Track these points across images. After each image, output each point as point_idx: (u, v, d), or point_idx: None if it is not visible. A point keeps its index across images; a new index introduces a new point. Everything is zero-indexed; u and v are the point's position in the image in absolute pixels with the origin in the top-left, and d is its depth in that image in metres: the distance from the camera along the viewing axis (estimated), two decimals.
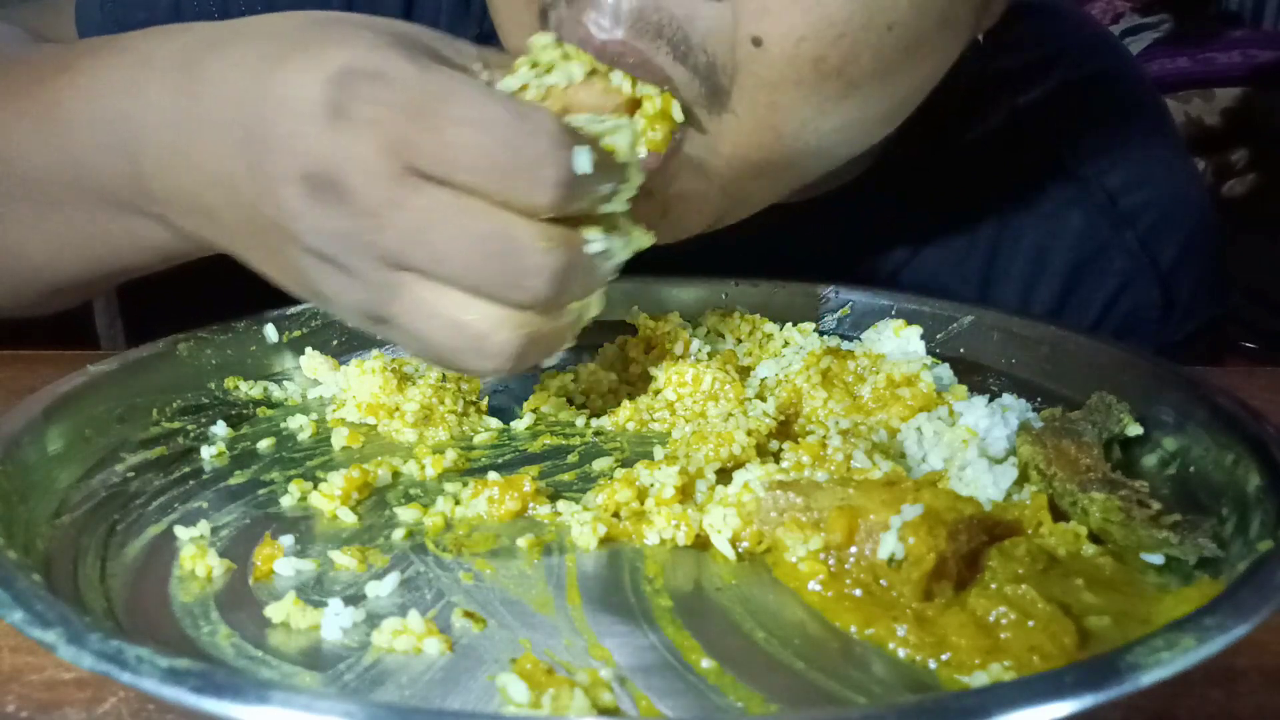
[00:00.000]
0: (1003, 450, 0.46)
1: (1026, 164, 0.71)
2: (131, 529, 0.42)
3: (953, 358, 0.57)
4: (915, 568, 0.36)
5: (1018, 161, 0.71)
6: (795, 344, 0.58)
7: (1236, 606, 0.31)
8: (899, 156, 0.65)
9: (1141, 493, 0.42)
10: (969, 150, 0.70)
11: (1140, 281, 0.71)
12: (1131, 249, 0.71)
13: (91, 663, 0.29)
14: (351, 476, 0.45)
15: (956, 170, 0.71)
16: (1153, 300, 0.71)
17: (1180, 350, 0.72)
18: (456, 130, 0.39)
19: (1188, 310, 0.72)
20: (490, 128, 0.39)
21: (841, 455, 0.44)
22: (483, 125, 0.39)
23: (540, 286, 0.40)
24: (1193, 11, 1.91)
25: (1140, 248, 0.71)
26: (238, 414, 0.53)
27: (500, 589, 0.39)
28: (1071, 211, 0.71)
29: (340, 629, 0.36)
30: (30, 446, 0.43)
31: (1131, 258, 0.71)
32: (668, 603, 0.38)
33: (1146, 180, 0.72)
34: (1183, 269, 0.72)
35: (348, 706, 0.27)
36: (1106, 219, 0.71)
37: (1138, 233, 0.71)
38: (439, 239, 0.39)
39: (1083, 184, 0.71)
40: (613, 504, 0.43)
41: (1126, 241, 0.71)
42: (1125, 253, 0.71)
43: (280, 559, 0.40)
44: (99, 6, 0.71)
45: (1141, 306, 0.72)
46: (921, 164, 0.68)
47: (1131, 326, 0.72)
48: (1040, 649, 0.33)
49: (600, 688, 0.32)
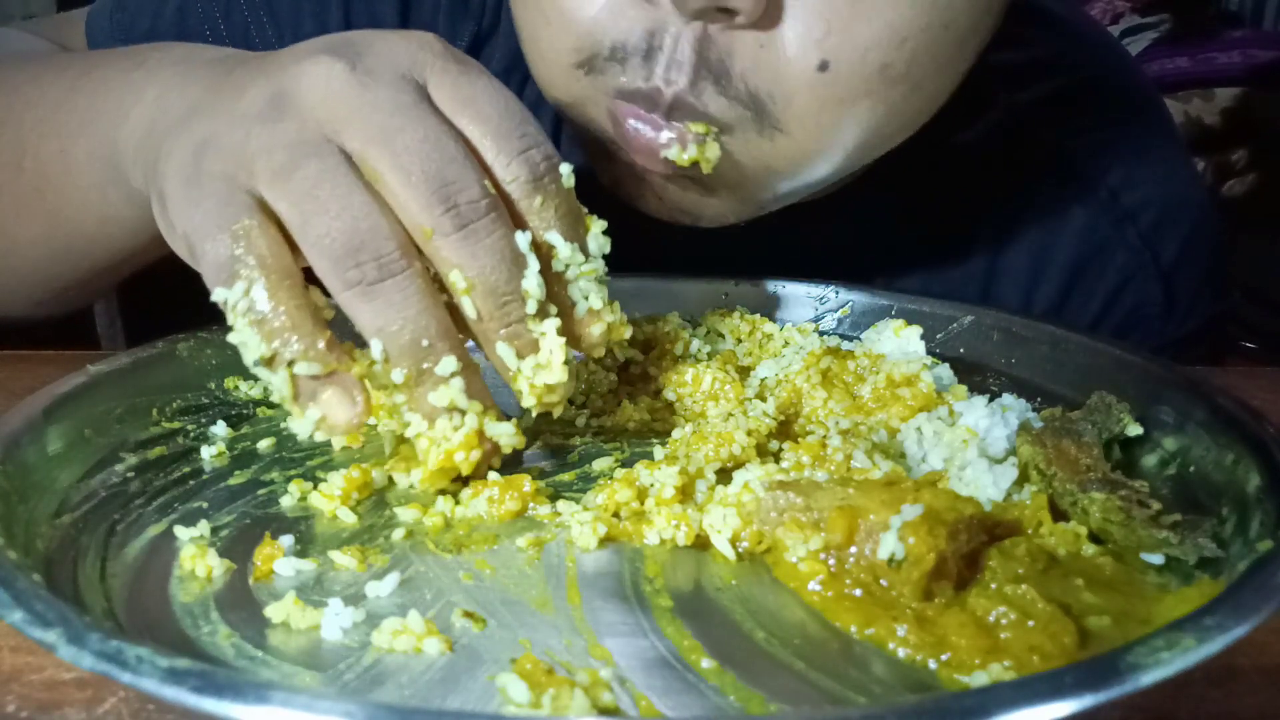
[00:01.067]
0: (1003, 450, 0.46)
1: (1028, 161, 0.72)
2: (131, 529, 0.42)
3: (953, 358, 0.57)
4: (915, 568, 0.36)
5: (1019, 159, 0.72)
6: (795, 344, 0.58)
7: (1236, 606, 0.31)
8: (902, 154, 0.65)
9: (1141, 493, 0.42)
10: (971, 147, 0.71)
11: (1141, 278, 0.71)
12: (1133, 246, 0.71)
13: (91, 663, 0.29)
14: (351, 476, 0.45)
15: (958, 167, 0.71)
16: (1154, 297, 0.72)
17: (1181, 347, 0.72)
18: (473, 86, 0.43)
19: (1189, 307, 0.73)
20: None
21: (841, 455, 0.44)
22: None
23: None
24: (1193, 11, 1.92)
25: (1142, 244, 0.71)
26: (238, 414, 0.53)
27: (500, 589, 0.39)
28: (1073, 209, 0.72)
29: (340, 629, 0.36)
30: (30, 446, 0.43)
31: (1133, 254, 0.71)
32: (668, 603, 0.38)
33: (1147, 178, 0.72)
34: (1184, 266, 0.72)
35: (348, 706, 0.27)
36: (1108, 216, 0.71)
37: (1139, 229, 0.71)
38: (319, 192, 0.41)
39: (1084, 182, 0.72)
40: (613, 504, 0.43)
41: (1128, 238, 0.71)
42: (1126, 249, 0.71)
43: (280, 559, 0.40)
44: (108, 16, 0.72)
45: (1143, 303, 0.72)
46: (924, 161, 0.68)
47: (1133, 323, 0.72)
48: (1040, 649, 0.33)
49: (600, 688, 0.32)
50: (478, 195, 0.41)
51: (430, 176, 0.41)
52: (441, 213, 0.41)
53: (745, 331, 0.59)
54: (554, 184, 0.44)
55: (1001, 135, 0.72)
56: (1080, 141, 0.72)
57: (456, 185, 0.41)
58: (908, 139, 0.57)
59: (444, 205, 0.41)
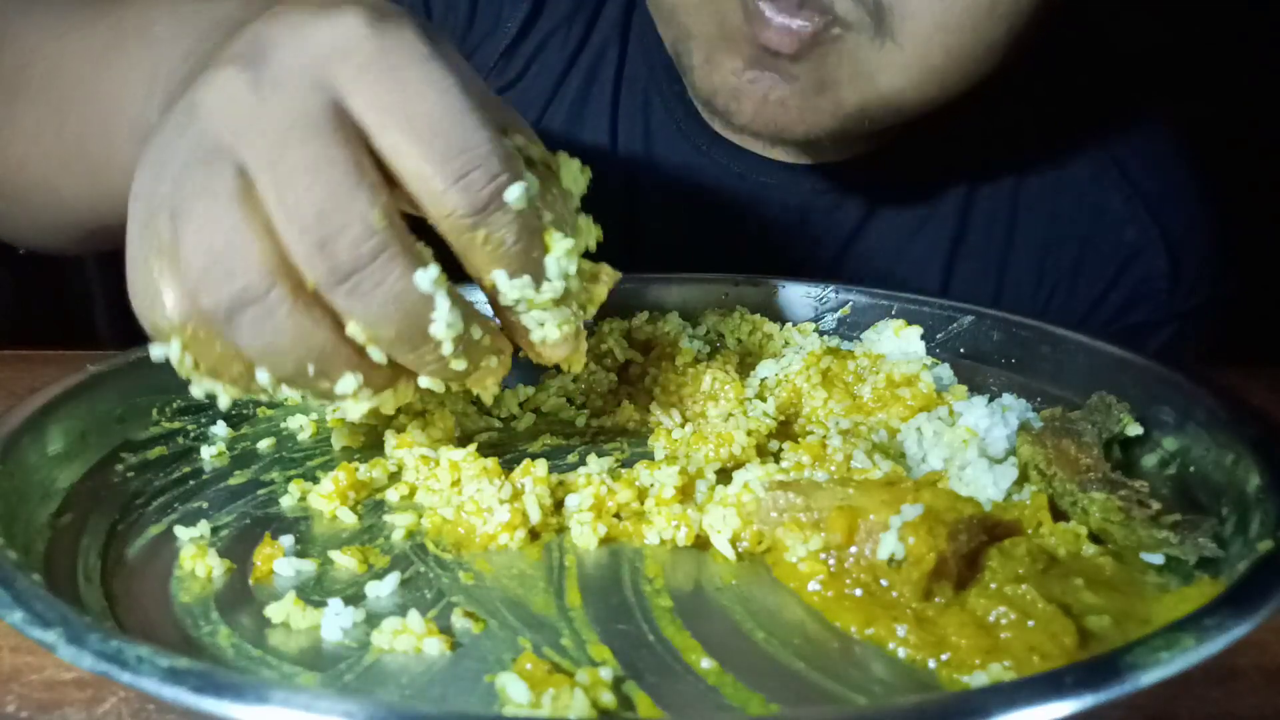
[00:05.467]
0: (1003, 450, 0.46)
1: (1044, 135, 0.74)
2: (131, 529, 0.42)
3: (953, 358, 0.57)
4: (915, 568, 0.36)
5: (1035, 132, 0.74)
6: (795, 344, 0.58)
7: (1236, 606, 0.31)
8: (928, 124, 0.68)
9: (1141, 493, 0.42)
10: (991, 121, 0.73)
11: (1150, 252, 0.73)
12: (1142, 221, 0.73)
13: (91, 663, 0.29)
14: (338, 478, 0.45)
15: (979, 139, 0.73)
16: (1161, 270, 0.73)
17: (1189, 321, 0.74)
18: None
19: (1196, 281, 0.74)
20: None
21: (841, 455, 0.44)
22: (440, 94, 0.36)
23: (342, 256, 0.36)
24: None
25: (1151, 219, 0.73)
26: (238, 414, 0.53)
27: (500, 589, 0.39)
28: (1085, 182, 0.74)
29: (340, 629, 0.36)
30: (30, 446, 0.43)
31: (1141, 229, 0.73)
32: (668, 603, 0.38)
33: (1158, 153, 0.75)
34: (1192, 240, 0.74)
35: (348, 706, 0.27)
36: (1119, 191, 0.73)
37: (1148, 204, 0.73)
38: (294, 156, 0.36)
39: (1095, 157, 0.74)
40: (613, 504, 0.43)
41: (1137, 213, 0.73)
42: (1135, 224, 0.73)
43: (280, 559, 0.40)
44: None
45: (1151, 276, 0.74)
46: (953, 131, 0.71)
47: (1141, 295, 0.74)
48: (1040, 649, 0.33)
49: (600, 688, 0.32)
50: (360, 237, 0.35)
51: (307, 213, 0.35)
52: (320, 261, 0.35)
53: (745, 331, 0.59)
54: (499, 212, 0.37)
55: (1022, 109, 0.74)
56: (1094, 118, 0.75)
57: (337, 223, 0.35)
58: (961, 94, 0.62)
59: (320, 251, 0.35)
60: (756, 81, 0.60)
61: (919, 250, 0.75)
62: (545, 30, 0.75)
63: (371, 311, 0.36)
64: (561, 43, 0.75)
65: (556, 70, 0.75)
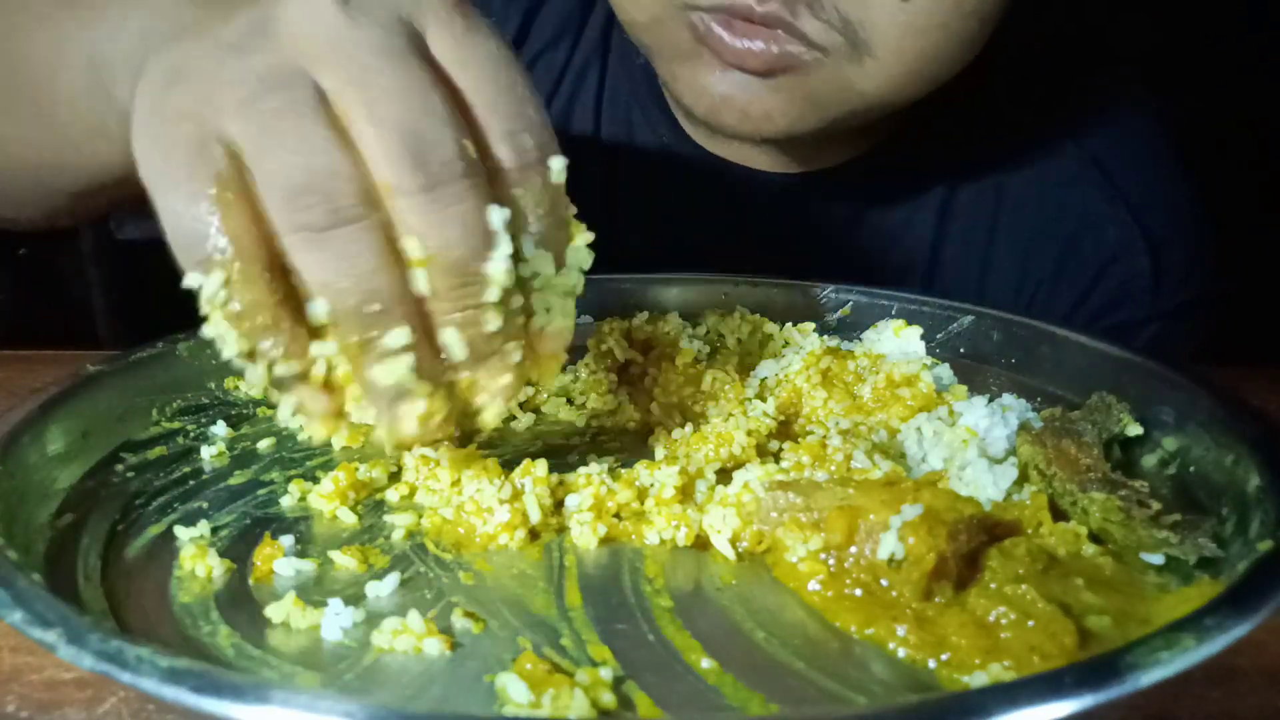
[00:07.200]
0: (1003, 450, 0.46)
1: (1026, 136, 0.74)
2: (131, 529, 0.42)
3: (953, 358, 0.57)
4: (915, 568, 0.36)
5: (1018, 134, 0.74)
6: (795, 344, 0.58)
7: (1236, 606, 0.31)
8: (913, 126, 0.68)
9: (1141, 493, 0.42)
10: (973, 122, 0.73)
11: (1132, 251, 0.73)
12: (1123, 221, 0.73)
13: (91, 663, 0.29)
14: (338, 478, 0.45)
15: (962, 141, 0.73)
16: (1143, 269, 0.73)
17: (1173, 320, 0.74)
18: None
19: (1180, 280, 0.74)
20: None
21: (841, 455, 0.44)
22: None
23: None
24: None
25: (1132, 219, 0.73)
26: (238, 414, 0.53)
27: (500, 589, 0.39)
28: (1066, 182, 0.73)
29: (340, 629, 0.36)
30: (30, 446, 0.43)
31: (1123, 229, 0.73)
32: (668, 603, 0.38)
33: (1139, 153, 0.74)
34: (1174, 239, 0.73)
35: (348, 706, 0.27)
36: (1100, 191, 0.73)
37: (1130, 204, 0.73)
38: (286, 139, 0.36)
39: (1076, 157, 0.74)
40: (613, 504, 0.43)
41: (1118, 213, 0.73)
42: (1117, 224, 0.73)
43: (280, 559, 0.40)
44: None
45: (1133, 276, 0.73)
46: (936, 133, 0.71)
47: (1124, 294, 0.74)
48: (1040, 649, 0.33)
49: (600, 688, 0.32)
50: (452, 155, 0.36)
51: (403, 125, 0.36)
52: (407, 166, 0.36)
53: (745, 331, 0.59)
54: (540, 177, 0.38)
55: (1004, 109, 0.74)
56: (1075, 117, 0.75)
57: (431, 140, 0.36)
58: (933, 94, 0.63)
59: (412, 158, 0.36)
60: (731, 97, 0.61)
61: (901, 252, 0.74)
62: (529, 57, 0.75)
63: (442, 228, 0.36)
64: (547, 67, 0.76)
65: (542, 94, 0.75)
